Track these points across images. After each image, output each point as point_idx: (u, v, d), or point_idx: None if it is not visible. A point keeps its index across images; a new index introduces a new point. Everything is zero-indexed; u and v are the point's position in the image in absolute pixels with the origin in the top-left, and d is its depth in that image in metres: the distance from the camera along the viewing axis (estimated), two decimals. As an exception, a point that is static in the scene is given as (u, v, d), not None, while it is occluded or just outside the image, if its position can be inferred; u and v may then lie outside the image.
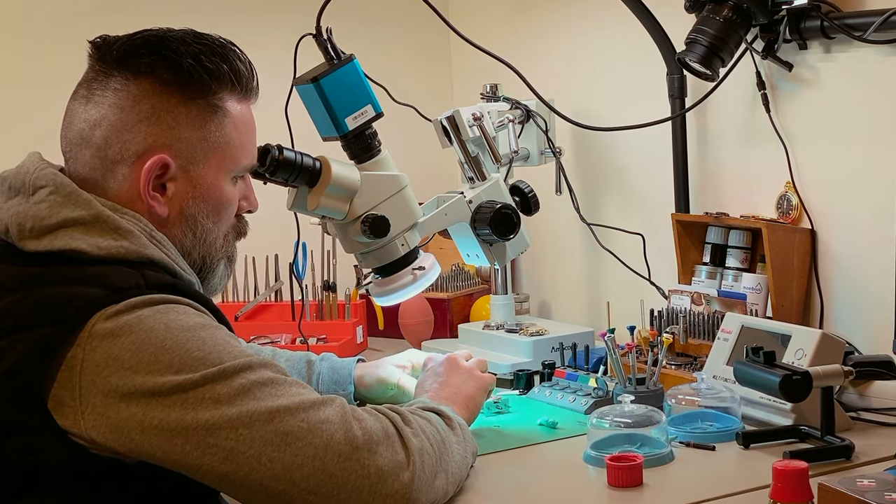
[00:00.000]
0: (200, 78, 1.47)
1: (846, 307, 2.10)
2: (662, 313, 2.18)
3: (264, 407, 1.32)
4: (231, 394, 1.32)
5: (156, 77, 1.46)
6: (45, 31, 2.58)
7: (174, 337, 1.33)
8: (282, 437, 1.32)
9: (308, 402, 1.36)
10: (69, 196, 1.43)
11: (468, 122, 2.11)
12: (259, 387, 1.33)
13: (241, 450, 1.31)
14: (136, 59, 1.46)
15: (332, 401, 1.39)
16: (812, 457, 1.63)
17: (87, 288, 1.35)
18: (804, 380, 1.62)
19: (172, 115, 1.47)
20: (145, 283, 1.38)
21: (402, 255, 1.91)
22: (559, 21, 2.69)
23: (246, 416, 1.31)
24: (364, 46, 2.10)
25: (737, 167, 2.30)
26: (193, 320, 1.36)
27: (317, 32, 1.83)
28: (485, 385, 1.79)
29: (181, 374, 1.31)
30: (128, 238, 1.42)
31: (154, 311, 1.34)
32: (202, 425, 1.30)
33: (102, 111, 1.46)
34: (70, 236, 1.40)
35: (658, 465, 1.68)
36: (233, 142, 1.52)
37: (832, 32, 2.02)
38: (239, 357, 1.35)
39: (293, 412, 1.34)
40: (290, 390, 1.36)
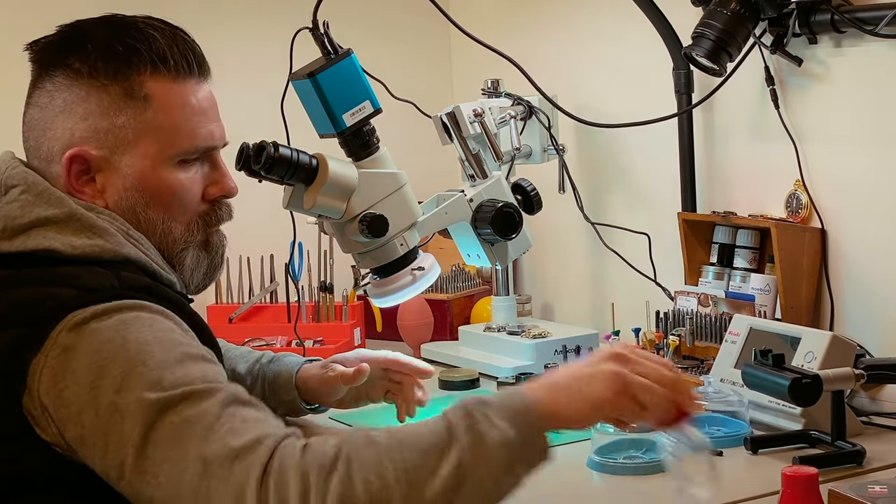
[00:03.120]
0: (111, 63, 1.44)
1: (857, 308, 2.10)
2: (668, 315, 2.18)
3: (183, 455, 1.23)
4: (160, 433, 1.25)
5: (67, 69, 1.45)
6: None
7: (125, 350, 1.29)
8: (193, 492, 1.23)
9: (226, 450, 1.23)
10: (41, 195, 1.42)
11: (469, 119, 2.11)
12: (187, 427, 1.24)
13: (159, 497, 1.25)
14: (50, 54, 1.46)
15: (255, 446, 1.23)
16: (822, 462, 1.62)
17: (60, 288, 1.33)
18: (814, 383, 1.63)
19: (86, 105, 1.44)
20: (119, 283, 1.37)
21: (400, 255, 1.91)
22: (562, 15, 2.70)
23: (165, 463, 1.24)
24: (362, 41, 2.10)
25: (745, 165, 2.30)
26: (153, 335, 1.31)
27: (313, 26, 1.83)
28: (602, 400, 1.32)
29: (121, 392, 1.27)
30: (102, 236, 1.41)
31: (118, 322, 1.31)
32: (131, 464, 1.25)
33: (32, 113, 1.48)
34: (43, 236, 1.39)
35: (664, 470, 1.68)
36: (161, 126, 1.47)
37: (843, 26, 2.02)
38: (181, 385, 1.27)
39: (207, 464, 1.22)
40: (219, 429, 1.25)
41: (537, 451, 1.30)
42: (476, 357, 2.37)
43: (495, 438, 1.25)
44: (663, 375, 1.35)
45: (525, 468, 1.28)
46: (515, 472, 1.27)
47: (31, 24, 1.59)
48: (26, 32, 1.54)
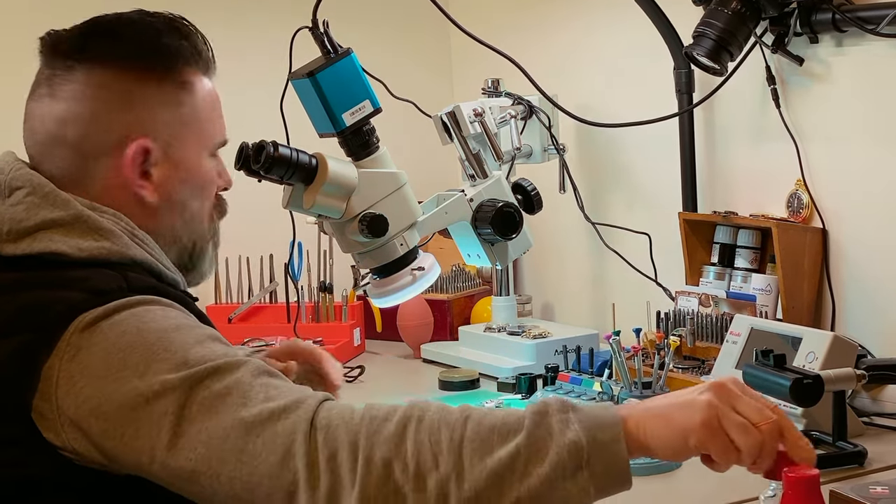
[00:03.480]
0: (164, 56, 1.44)
1: (859, 309, 2.10)
2: (669, 315, 2.18)
3: (221, 423, 1.24)
4: (192, 409, 1.25)
5: (120, 61, 1.43)
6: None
7: (143, 338, 1.29)
8: (237, 456, 1.23)
9: (266, 412, 1.24)
10: (47, 197, 1.40)
11: (469, 118, 2.11)
12: (220, 398, 1.25)
13: (201, 470, 1.24)
14: (95, 45, 1.43)
15: (295, 406, 1.25)
16: (824, 463, 1.62)
17: (68, 291, 1.33)
18: (815, 384, 1.62)
19: (145, 97, 1.43)
20: (127, 285, 1.36)
21: (400, 254, 1.91)
22: (563, 14, 2.70)
23: (204, 433, 1.24)
24: (362, 40, 2.10)
25: (746, 164, 2.30)
26: (168, 322, 1.32)
27: (313, 25, 1.83)
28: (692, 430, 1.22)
29: (145, 377, 1.26)
30: (109, 238, 1.39)
31: (129, 315, 1.31)
32: (164, 444, 1.25)
33: (70, 106, 1.43)
34: (49, 238, 1.37)
35: (665, 471, 1.68)
36: (205, 117, 1.49)
37: (844, 26, 2.02)
38: (206, 361, 1.27)
39: (249, 427, 1.23)
40: (254, 397, 1.26)
41: (611, 466, 1.21)
42: (476, 357, 2.37)
43: (563, 439, 1.20)
44: (766, 416, 1.23)
45: (594, 482, 1.20)
46: (578, 479, 1.20)
47: (31, 25, 1.59)
48: (25, 33, 1.54)
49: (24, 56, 1.52)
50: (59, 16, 1.59)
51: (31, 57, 1.50)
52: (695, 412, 1.23)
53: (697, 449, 1.23)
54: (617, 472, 1.21)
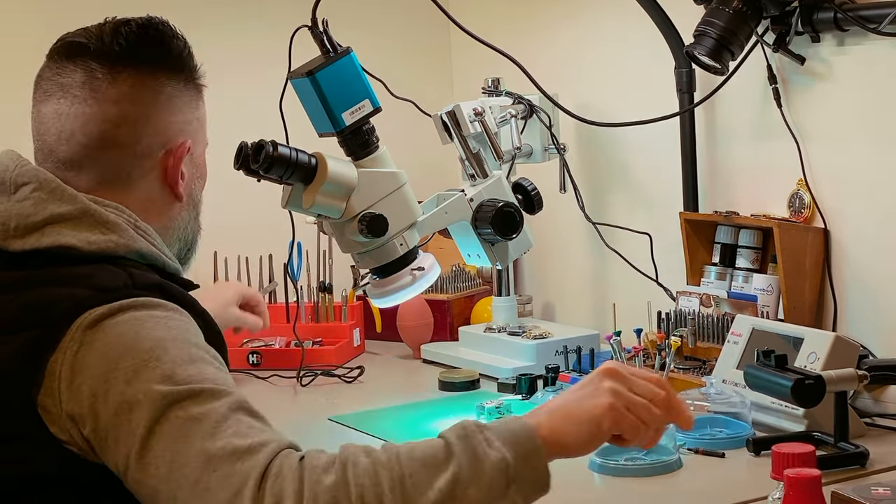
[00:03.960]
0: (189, 61, 1.53)
1: (860, 309, 2.10)
2: (670, 315, 2.18)
3: (187, 448, 1.25)
4: (165, 427, 1.26)
5: (160, 65, 1.49)
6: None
7: (139, 345, 1.30)
8: (193, 485, 1.24)
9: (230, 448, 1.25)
10: (54, 192, 1.42)
11: (469, 118, 2.11)
12: (193, 423, 1.26)
13: (160, 488, 1.26)
14: (139, 50, 1.48)
15: (258, 448, 1.25)
16: (825, 464, 1.62)
17: (74, 289, 1.34)
18: (817, 384, 1.63)
19: (181, 99, 1.51)
20: (133, 282, 1.38)
21: (400, 254, 1.91)
22: (563, 13, 2.69)
23: (168, 454, 1.25)
24: (361, 39, 2.10)
25: (747, 164, 2.30)
26: (167, 332, 1.33)
27: (312, 24, 1.83)
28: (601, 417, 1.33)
29: (132, 384, 1.28)
30: (116, 231, 1.42)
31: (132, 318, 1.32)
32: (135, 455, 1.26)
33: (122, 108, 1.47)
34: (58, 233, 1.39)
35: (666, 472, 1.68)
36: (205, 118, 1.57)
37: (846, 24, 2.02)
38: (191, 382, 1.29)
39: (210, 459, 1.24)
40: (224, 430, 1.26)
41: (535, 477, 1.29)
42: (476, 358, 2.37)
43: (492, 459, 1.26)
44: (657, 393, 1.37)
45: (521, 494, 1.27)
46: (509, 496, 1.26)
47: (29, 25, 1.59)
48: (24, 33, 1.54)
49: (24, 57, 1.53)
50: (60, 17, 1.59)
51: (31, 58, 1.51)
52: (601, 399, 1.33)
53: (611, 431, 1.33)
54: (541, 481, 1.28)
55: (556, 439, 1.31)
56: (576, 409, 1.33)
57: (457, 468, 1.24)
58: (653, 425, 1.37)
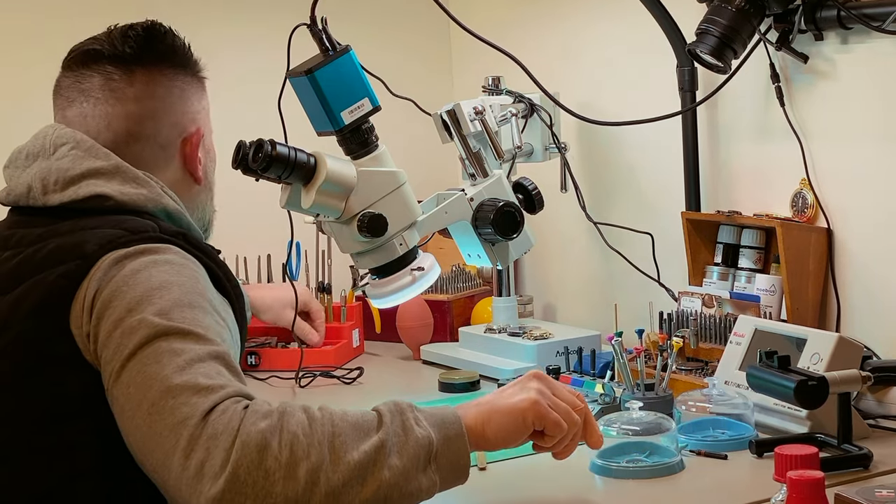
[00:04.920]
0: (191, 56, 1.68)
1: (864, 310, 2.10)
2: (672, 316, 2.18)
3: (156, 373, 1.35)
4: (146, 353, 1.36)
5: (169, 61, 1.65)
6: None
7: (147, 283, 1.42)
8: (149, 407, 1.33)
9: (192, 384, 1.33)
10: (90, 150, 1.57)
11: (469, 117, 2.11)
12: (170, 355, 1.36)
13: (125, 407, 1.35)
14: (148, 51, 1.63)
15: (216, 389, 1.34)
16: (829, 466, 1.63)
17: (107, 230, 1.48)
18: (820, 386, 1.63)
19: (189, 92, 1.67)
20: (160, 229, 1.51)
21: (400, 255, 1.91)
22: (564, 11, 2.70)
23: (139, 376, 1.35)
24: (360, 37, 2.10)
25: (750, 163, 2.30)
26: (177, 277, 1.44)
27: (311, 22, 1.83)
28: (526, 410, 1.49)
29: (131, 314, 1.39)
30: (146, 187, 1.57)
31: (149, 260, 1.45)
32: (115, 372, 1.37)
33: (142, 104, 1.62)
34: (94, 184, 1.54)
35: (668, 474, 1.68)
36: (209, 106, 1.72)
37: (849, 23, 2.02)
38: (183, 322, 1.39)
39: (172, 389, 1.33)
40: (195, 369, 1.35)
41: (455, 460, 1.41)
42: (477, 359, 2.37)
43: (417, 435, 1.38)
44: (577, 403, 1.55)
45: (439, 474, 1.39)
46: (428, 472, 1.38)
47: (25, 25, 1.60)
48: (20, 32, 1.55)
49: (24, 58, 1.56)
50: (64, 18, 1.61)
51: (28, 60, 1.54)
52: (527, 394, 1.50)
53: (534, 425, 1.49)
54: (460, 465, 1.42)
55: (480, 428, 1.46)
56: (502, 403, 1.50)
57: (385, 435, 1.36)
58: (572, 429, 1.53)
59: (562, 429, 1.51)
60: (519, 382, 1.54)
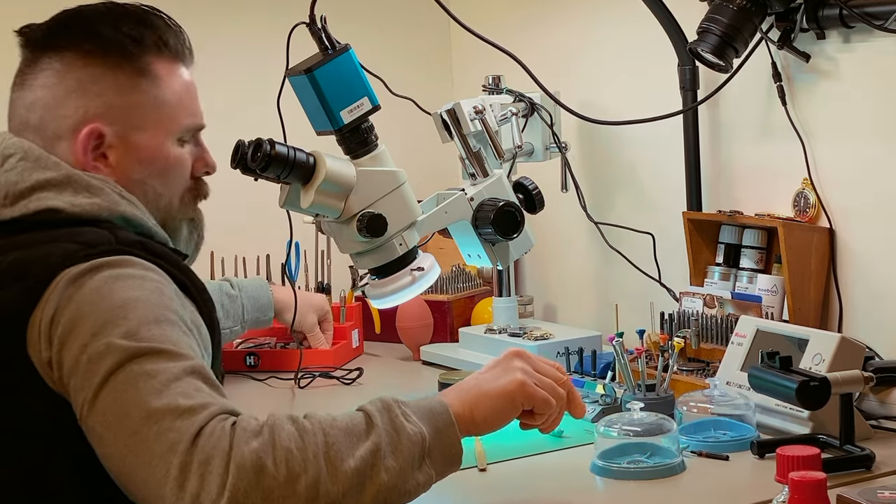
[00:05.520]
0: (122, 44, 1.55)
1: (866, 310, 2.10)
2: (673, 316, 2.18)
3: (134, 400, 1.31)
4: (119, 377, 1.33)
5: (78, 49, 1.54)
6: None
7: (110, 301, 1.37)
8: (133, 435, 1.30)
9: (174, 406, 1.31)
10: (39, 160, 1.50)
11: (469, 116, 2.11)
12: (145, 378, 1.32)
13: (106, 436, 1.32)
14: (58, 36, 1.55)
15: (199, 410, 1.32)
16: (830, 467, 1.63)
17: (60, 244, 1.42)
18: (822, 386, 1.63)
19: (100, 84, 1.54)
20: (116, 240, 1.45)
21: (400, 255, 1.91)
22: (565, 9, 2.70)
23: (117, 403, 1.32)
24: (360, 36, 2.10)
25: (751, 163, 2.30)
26: (138, 292, 1.39)
27: (310, 21, 1.83)
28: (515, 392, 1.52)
29: (96, 337, 1.35)
30: (99, 195, 1.50)
31: (109, 276, 1.39)
32: (88, 401, 1.33)
33: (36, 93, 1.54)
34: (45, 197, 1.47)
35: (669, 475, 1.68)
36: (167, 104, 1.58)
37: (851, 21, 2.02)
38: (153, 341, 1.35)
39: (153, 413, 1.30)
40: (173, 389, 1.32)
41: (448, 451, 1.43)
42: (477, 359, 2.37)
43: (409, 432, 1.38)
44: (559, 376, 1.58)
45: (434, 468, 1.41)
46: (424, 468, 1.39)
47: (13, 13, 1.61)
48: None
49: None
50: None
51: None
52: (513, 375, 1.52)
53: (522, 405, 1.52)
54: (453, 455, 1.43)
55: (469, 415, 1.47)
56: (489, 386, 1.51)
57: (377, 438, 1.35)
58: (559, 403, 1.55)
59: (550, 406, 1.54)
60: (500, 363, 1.56)
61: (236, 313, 2.32)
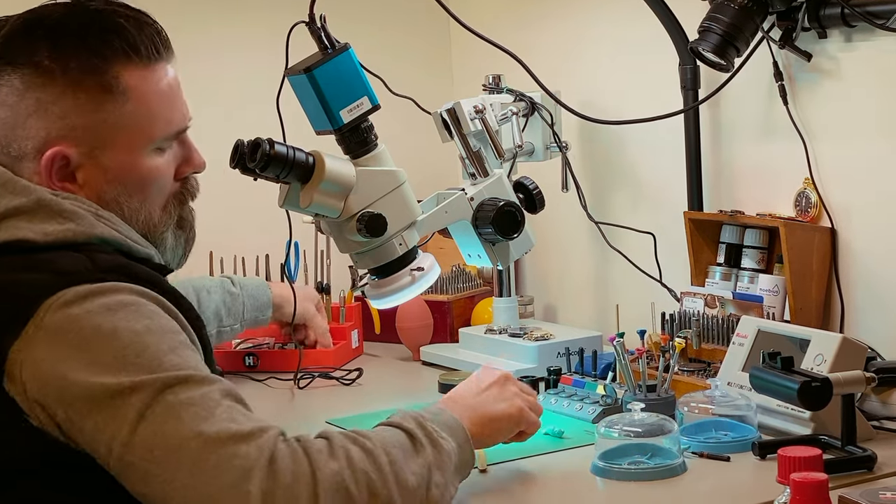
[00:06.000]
0: (86, 59, 1.45)
1: (868, 310, 2.10)
2: (674, 316, 2.18)
3: (184, 430, 1.29)
4: (157, 410, 1.30)
5: (37, 66, 1.44)
6: None
7: (118, 339, 1.33)
8: (193, 466, 1.28)
9: (230, 432, 1.30)
10: (6, 185, 1.43)
11: (469, 115, 2.11)
12: (186, 407, 1.30)
13: (155, 472, 1.29)
14: (15, 48, 1.45)
15: (258, 434, 1.32)
16: (832, 468, 1.62)
17: (34, 274, 1.36)
18: (824, 387, 1.62)
19: (62, 104, 1.45)
20: (93, 265, 1.38)
21: (399, 255, 1.91)
22: (565, 8, 2.70)
23: (162, 437, 1.29)
24: (359, 35, 2.10)
25: (753, 162, 2.30)
26: (141, 323, 1.35)
27: (310, 20, 1.83)
28: (518, 417, 1.65)
29: (116, 376, 1.31)
30: (73, 220, 1.42)
31: (102, 307, 1.34)
32: (123, 441, 1.30)
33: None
34: (14, 226, 1.40)
35: (670, 476, 1.68)
36: (140, 117, 1.49)
37: (853, 20, 2.02)
38: (178, 369, 1.33)
39: (210, 441, 1.29)
40: (219, 415, 1.31)
41: (468, 462, 1.53)
42: (477, 360, 2.37)
43: (446, 448, 1.46)
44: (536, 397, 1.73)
45: (459, 477, 1.50)
46: (455, 482, 1.48)
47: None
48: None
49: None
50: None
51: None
52: (514, 401, 1.65)
53: (519, 427, 1.66)
54: (471, 465, 1.54)
55: (478, 432, 1.57)
56: (493, 408, 1.62)
57: (427, 455, 1.42)
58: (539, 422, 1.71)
59: (538, 427, 1.70)
60: (495, 384, 1.66)
61: (237, 311, 2.31)
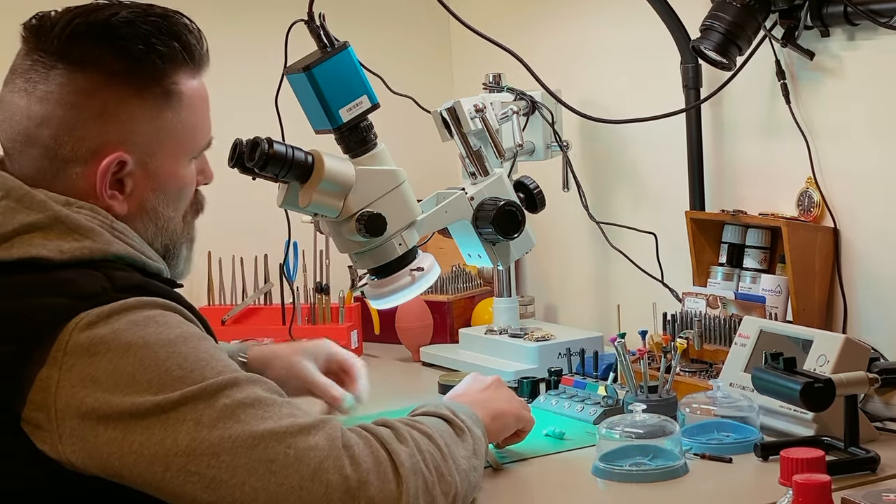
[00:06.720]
0: (153, 64, 1.43)
1: (871, 310, 2.10)
2: (676, 317, 2.18)
3: (248, 431, 1.30)
4: (213, 415, 1.30)
5: (105, 68, 1.42)
6: None
7: (154, 353, 1.31)
8: (266, 465, 1.29)
9: (296, 426, 1.32)
10: (22, 199, 1.40)
11: (470, 114, 2.11)
12: (244, 408, 1.31)
13: (223, 478, 1.29)
14: (80, 48, 1.42)
15: (322, 424, 1.35)
16: (835, 469, 1.62)
17: (52, 298, 1.33)
18: (827, 388, 1.62)
19: (126, 108, 1.43)
20: (112, 285, 1.36)
21: (399, 255, 1.91)
22: (566, 7, 2.70)
23: (228, 440, 1.29)
24: (359, 33, 2.10)
25: (755, 162, 2.30)
26: (173, 332, 1.34)
27: (309, 18, 1.83)
28: (518, 414, 1.75)
29: (161, 393, 1.29)
30: (89, 237, 1.39)
31: (130, 324, 1.32)
32: (182, 450, 1.29)
33: (48, 108, 1.41)
34: (29, 243, 1.37)
35: (671, 478, 1.68)
36: (188, 125, 1.49)
37: (856, 18, 2.02)
38: (223, 373, 1.33)
39: (279, 437, 1.31)
40: (277, 411, 1.33)
41: (486, 453, 1.61)
42: (477, 360, 2.37)
43: (478, 434, 1.56)
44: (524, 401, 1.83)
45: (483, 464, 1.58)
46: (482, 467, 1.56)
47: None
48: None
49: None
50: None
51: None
52: (515, 402, 1.75)
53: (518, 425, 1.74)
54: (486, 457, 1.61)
55: (489, 425, 1.64)
56: (499, 405, 1.70)
57: (468, 441, 1.51)
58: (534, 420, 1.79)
59: (533, 425, 1.78)
60: (492, 386, 1.76)
61: None
